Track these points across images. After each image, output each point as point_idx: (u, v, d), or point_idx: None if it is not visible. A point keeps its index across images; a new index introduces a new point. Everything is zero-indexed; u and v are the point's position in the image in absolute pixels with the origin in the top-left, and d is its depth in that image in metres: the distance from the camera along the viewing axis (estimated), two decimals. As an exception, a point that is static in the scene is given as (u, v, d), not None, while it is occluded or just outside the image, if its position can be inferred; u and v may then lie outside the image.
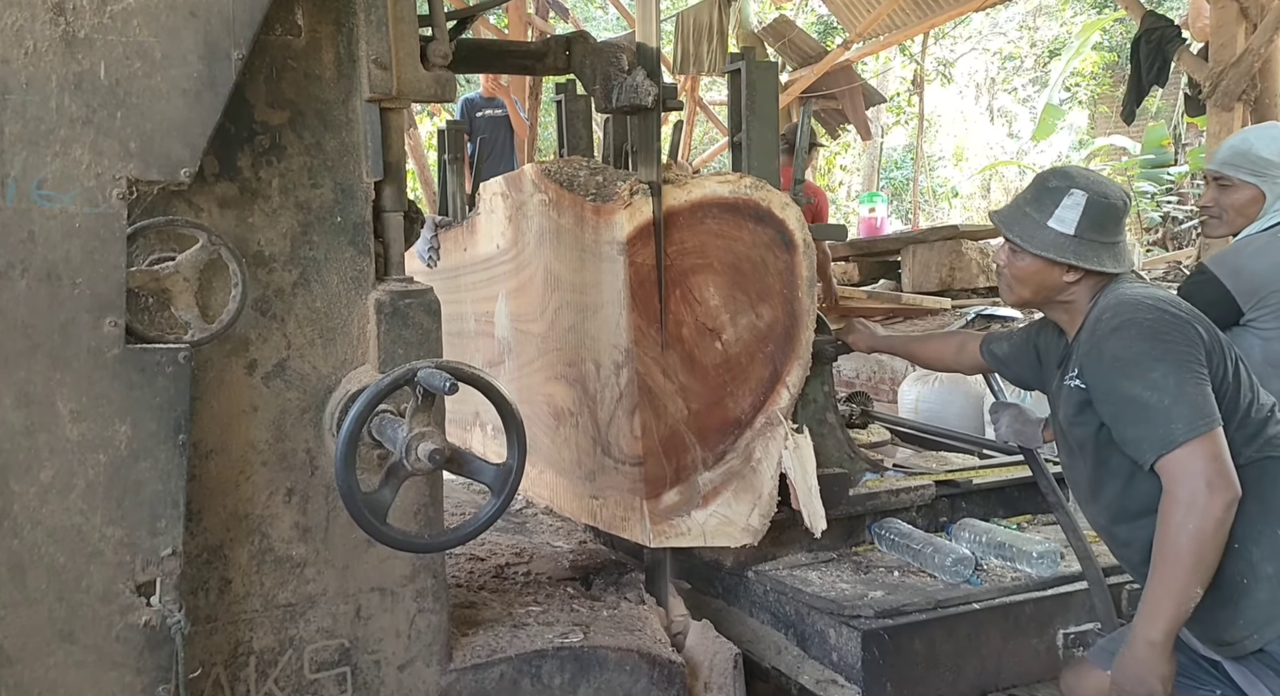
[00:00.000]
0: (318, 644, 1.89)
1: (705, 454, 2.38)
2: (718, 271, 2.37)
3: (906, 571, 2.53)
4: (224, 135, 1.75)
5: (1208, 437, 1.73)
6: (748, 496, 2.40)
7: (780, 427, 2.41)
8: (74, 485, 1.55)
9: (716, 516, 2.39)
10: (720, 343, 2.39)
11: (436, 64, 1.88)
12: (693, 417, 2.36)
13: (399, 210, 1.95)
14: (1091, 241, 1.94)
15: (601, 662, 2.10)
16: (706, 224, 2.36)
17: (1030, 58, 18.06)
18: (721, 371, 2.38)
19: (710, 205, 2.36)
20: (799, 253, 2.42)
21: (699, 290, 2.37)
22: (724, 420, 2.39)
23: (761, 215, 2.38)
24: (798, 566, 2.58)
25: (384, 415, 1.77)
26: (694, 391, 2.36)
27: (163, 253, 1.72)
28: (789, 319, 2.43)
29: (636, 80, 2.32)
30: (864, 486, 2.70)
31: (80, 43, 1.52)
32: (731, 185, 2.38)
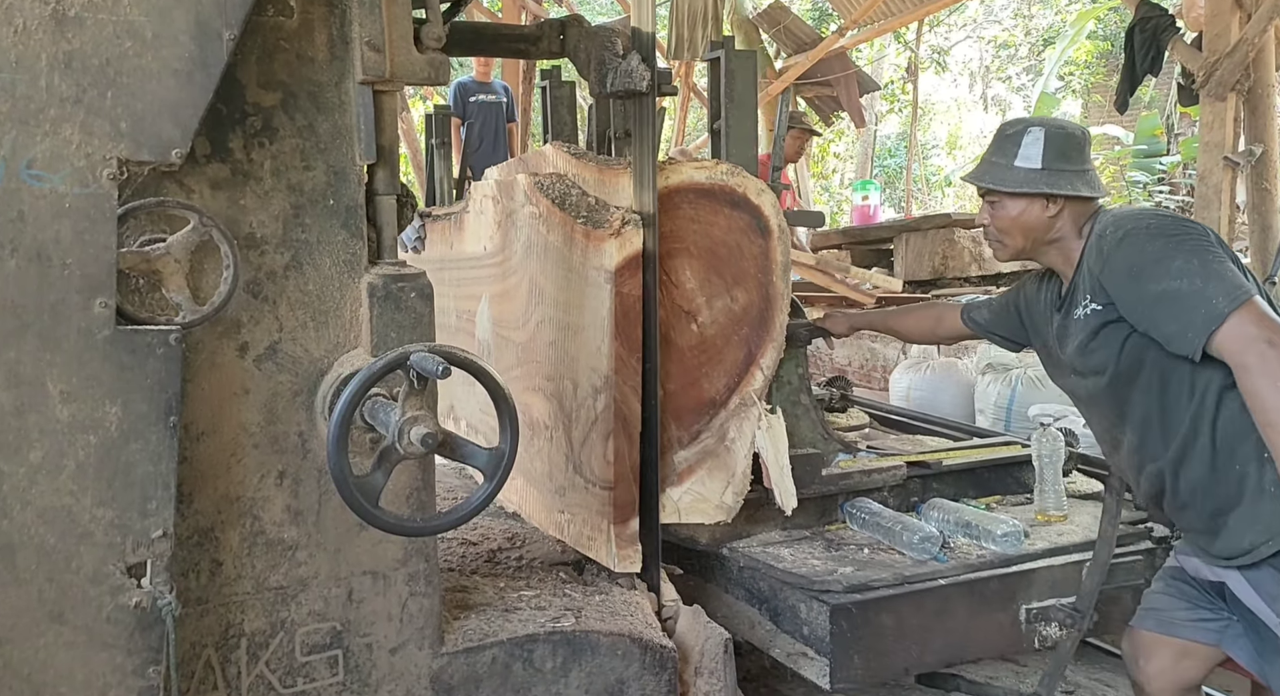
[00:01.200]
0: (309, 627, 1.90)
1: (680, 433, 2.46)
2: (694, 255, 2.44)
3: (876, 549, 2.59)
4: (215, 116, 1.74)
5: (1249, 304, 1.75)
6: (721, 474, 2.48)
7: (754, 408, 2.48)
8: (64, 466, 1.55)
9: (691, 493, 2.48)
10: (696, 325, 2.47)
11: (430, 47, 1.87)
12: (668, 398, 2.42)
13: (392, 193, 1.95)
14: (1061, 171, 2.01)
15: (593, 647, 2.11)
16: (683, 209, 2.42)
17: (1025, 46, 18.05)
18: (697, 353, 2.46)
19: (687, 190, 2.41)
20: (774, 238, 2.48)
21: (675, 274, 2.44)
22: (699, 401, 2.47)
23: (737, 201, 2.45)
24: (771, 544, 2.63)
25: (376, 399, 1.77)
26: (670, 373, 2.42)
27: (154, 234, 1.71)
28: (764, 302, 2.49)
29: (631, 65, 2.31)
30: (837, 466, 2.75)
31: (70, 21, 1.51)
32: (708, 171, 2.44)
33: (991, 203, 2.10)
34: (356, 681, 1.94)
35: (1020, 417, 4.84)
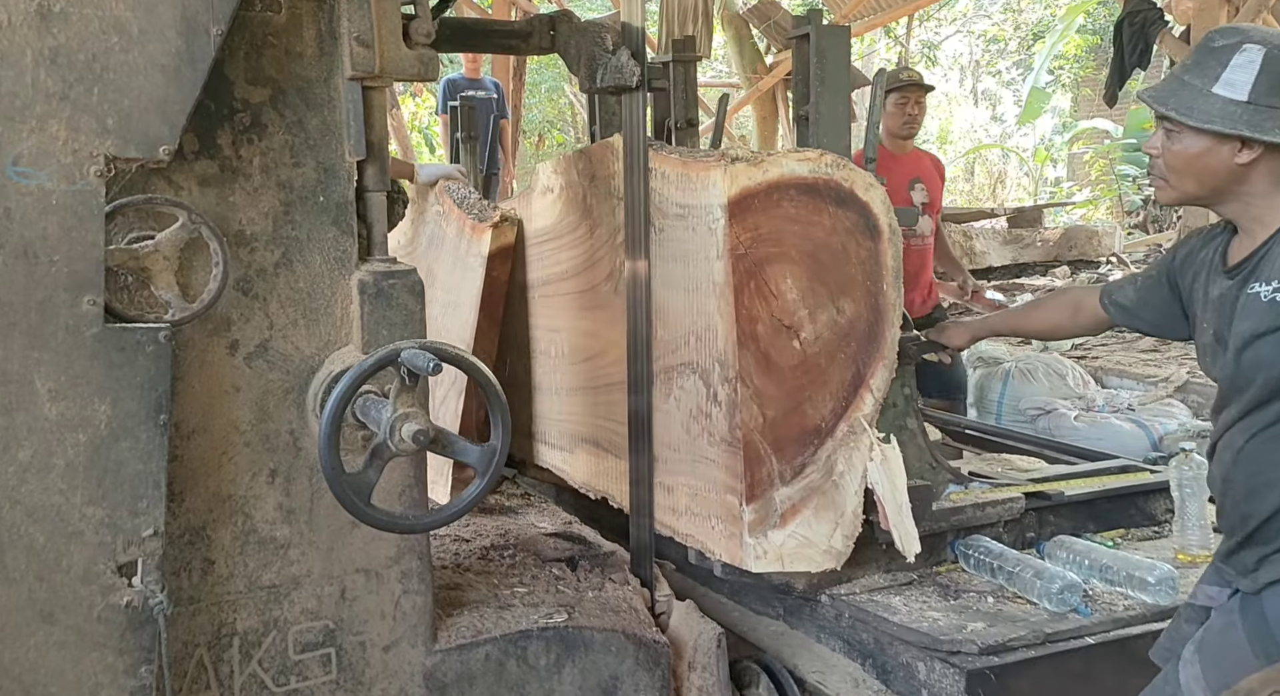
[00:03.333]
0: (302, 625, 1.89)
1: (782, 467, 2.16)
2: (795, 261, 2.14)
3: (1001, 597, 2.26)
4: (204, 112, 1.73)
5: None
6: (829, 514, 2.19)
7: (864, 436, 2.19)
8: (53, 464, 1.54)
9: (796, 537, 2.18)
10: (798, 342, 2.17)
11: (419, 42, 1.86)
12: (769, 426, 2.15)
13: (382, 190, 1.94)
14: (1271, 109, 1.56)
15: (587, 643, 2.11)
16: (783, 207, 2.12)
17: (1014, 40, 18.08)
18: (799, 374, 2.16)
19: (788, 186, 2.12)
20: (884, 240, 2.18)
21: (775, 282, 2.14)
22: (802, 429, 2.18)
23: (843, 197, 2.15)
24: (876, 589, 2.32)
25: (368, 396, 1.76)
26: (769, 397, 2.14)
27: (142, 231, 1.70)
28: (873, 314, 2.20)
29: (621, 60, 2.31)
30: (947, 500, 2.43)
31: (56, 16, 1.50)
32: (811, 163, 2.12)
33: (1168, 130, 1.65)
34: (350, 679, 1.93)
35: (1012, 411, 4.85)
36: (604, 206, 2.50)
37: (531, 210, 2.89)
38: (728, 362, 2.12)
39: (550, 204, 2.72)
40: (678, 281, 2.27)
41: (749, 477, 2.12)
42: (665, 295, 2.32)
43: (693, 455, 2.29)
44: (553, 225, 2.78)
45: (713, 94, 15.49)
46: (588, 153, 2.49)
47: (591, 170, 2.52)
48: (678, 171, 2.24)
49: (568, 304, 2.78)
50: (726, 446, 2.17)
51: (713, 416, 2.20)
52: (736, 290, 2.09)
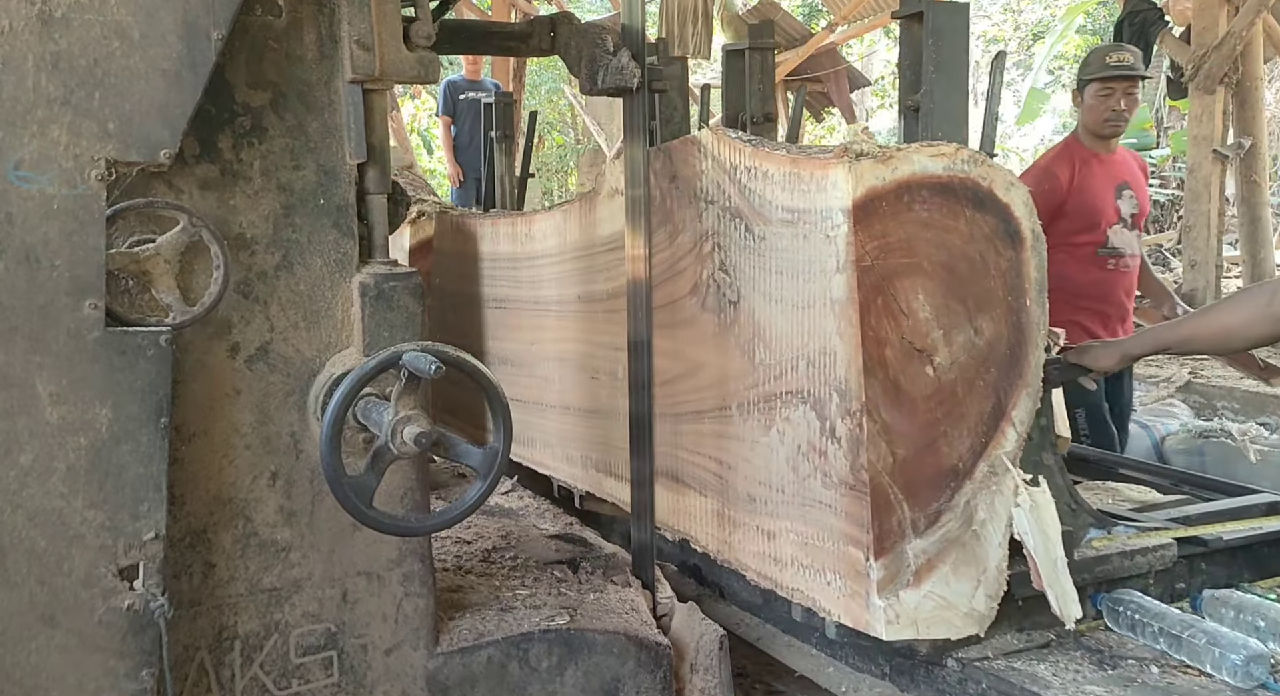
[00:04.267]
0: (303, 628, 1.89)
1: (915, 515, 1.89)
2: (928, 274, 1.88)
3: (1167, 666, 1.93)
4: (204, 116, 1.73)
5: None
6: (970, 570, 1.92)
7: (1007, 478, 1.94)
8: (54, 468, 1.54)
9: (933, 599, 1.90)
10: (932, 367, 1.90)
11: (420, 44, 1.87)
12: (899, 467, 1.87)
13: (383, 192, 1.94)
14: None
15: (589, 645, 2.11)
16: (914, 211, 1.86)
17: (1014, 41, 18.09)
18: (933, 405, 1.90)
19: (920, 186, 1.86)
20: (1026, 247, 1.93)
21: (905, 299, 1.87)
22: (937, 470, 1.91)
23: (982, 199, 1.90)
24: (1013, 653, 2.01)
25: (369, 398, 1.76)
26: (899, 433, 1.87)
27: (143, 235, 1.70)
28: (1014, 334, 1.95)
29: (621, 62, 2.31)
30: (1089, 547, 2.11)
31: (57, 22, 1.50)
32: (946, 159, 1.87)
33: None
34: (351, 682, 1.93)
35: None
36: (688, 210, 2.25)
37: (595, 215, 2.60)
38: (850, 392, 1.85)
39: (620, 208, 2.44)
40: (783, 297, 1.98)
41: (877, 527, 1.84)
42: (767, 312, 2.04)
43: (802, 498, 2.00)
44: (619, 232, 2.47)
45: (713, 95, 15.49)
46: (667, 150, 2.25)
47: (672, 169, 2.27)
48: (785, 170, 1.95)
49: None
50: (847, 490, 1.88)
51: (829, 454, 1.91)
52: (862, 308, 1.82)
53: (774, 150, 2.01)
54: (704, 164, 2.16)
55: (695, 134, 2.17)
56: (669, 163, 2.31)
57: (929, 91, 2.20)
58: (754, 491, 2.12)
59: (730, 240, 2.11)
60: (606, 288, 2.60)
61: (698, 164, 2.19)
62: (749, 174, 2.04)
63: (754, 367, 2.08)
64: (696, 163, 2.19)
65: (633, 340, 2.40)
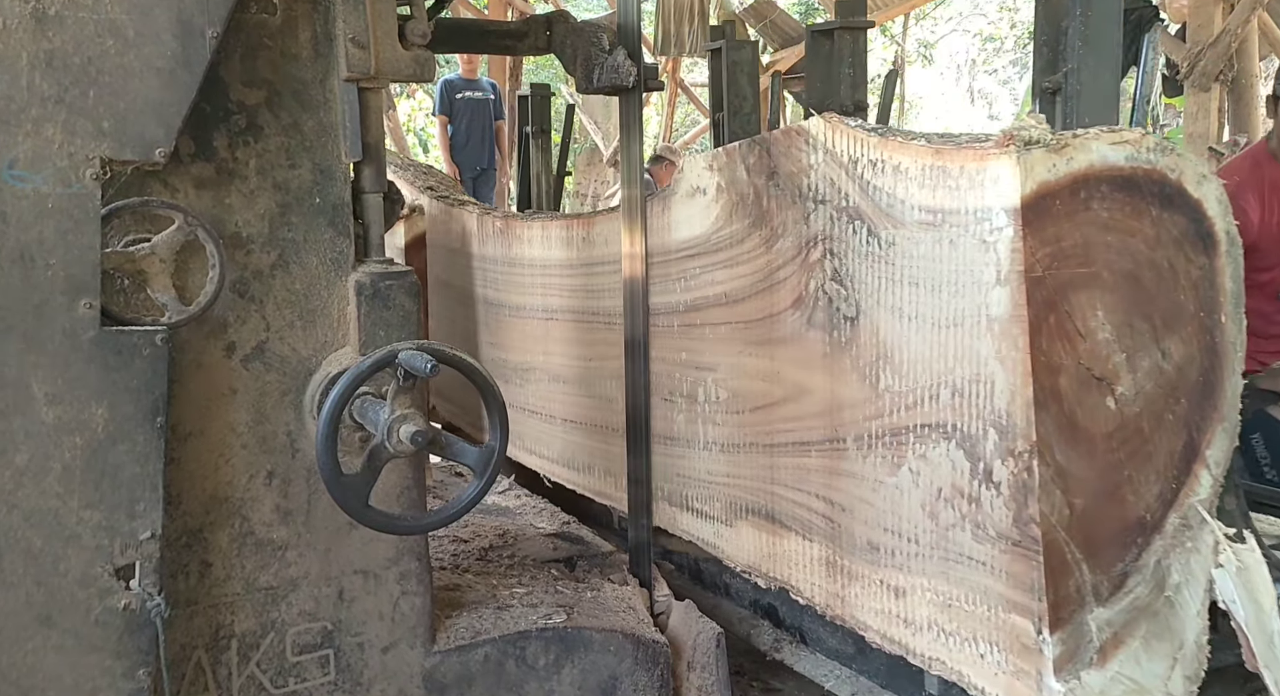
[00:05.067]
0: (300, 627, 1.89)
1: (1097, 578, 1.60)
2: (1108, 286, 1.60)
3: None
4: (199, 115, 1.73)
5: None
6: (1164, 647, 1.62)
7: (1204, 532, 1.65)
8: (50, 468, 1.53)
9: (1121, 682, 1.61)
10: (1113, 398, 1.61)
11: (415, 43, 1.86)
12: (1076, 520, 1.57)
13: (379, 191, 1.94)
14: None
15: (586, 643, 2.11)
16: (1092, 210, 1.57)
17: (1011, 39, 18.09)
18: (1115, 444, 1.61)
19: (1099, 180, 1.57)
20: (1220, 253, 1.65)
21: (1082, 316, 1.58)
22: (1121, 523, 1.62)
23: (1169, 195, 1.62)
24: None
25: (365, 397, 1.76)
26: (1075, 478, 1.57)
27: (138, 234, 1.70)
28: (1208, 357, 1.67)
29: (617, 60, 2.31)
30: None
31: (51, 20, 1.50)
32: (1130, 147, 1.58)
33: None
34: (348, 681, 1.93)
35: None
36: (790, 211, 1.95)
37: (670, 217, 2.32)
38: (1013, 428, 1.56)
39: (702, 209, 2.19)
40: (919, 313, 1.70)
41: (1051, 593, 1.54)
42: (895, 331, 1.75)
43: (943, 552, 1.72)
44: (704, 236, 2.20)
45: (709, 94, 15.49)
46: (764, 143, 2.00)
47: (770, 165, 2.00)
48: (926, 163, 1.66)
49: (728, 336, 2.18)
50: (1010, 546, 1.59)
51: (983, 502, 1.62)
52: (1032, 328, 1.53)
53: (909, 140, 1.72)
54: (813, 158, 1.88)
55: (802, 123, 1.91)
56: (765, 157, 2.01)
57: (1074, 70, 1.94)
58: (877, 539, 1.83)
59: (847, 246, 1.82)
60: (684, 299, 2.30)
61: (805, 158, 1.91)
62: (874, 168, 1.75)
63: (877, 395, 1.79)
64: (803, 156, 1.91)
65: (629, 339, 2.40)
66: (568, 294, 2.77)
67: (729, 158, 2.11)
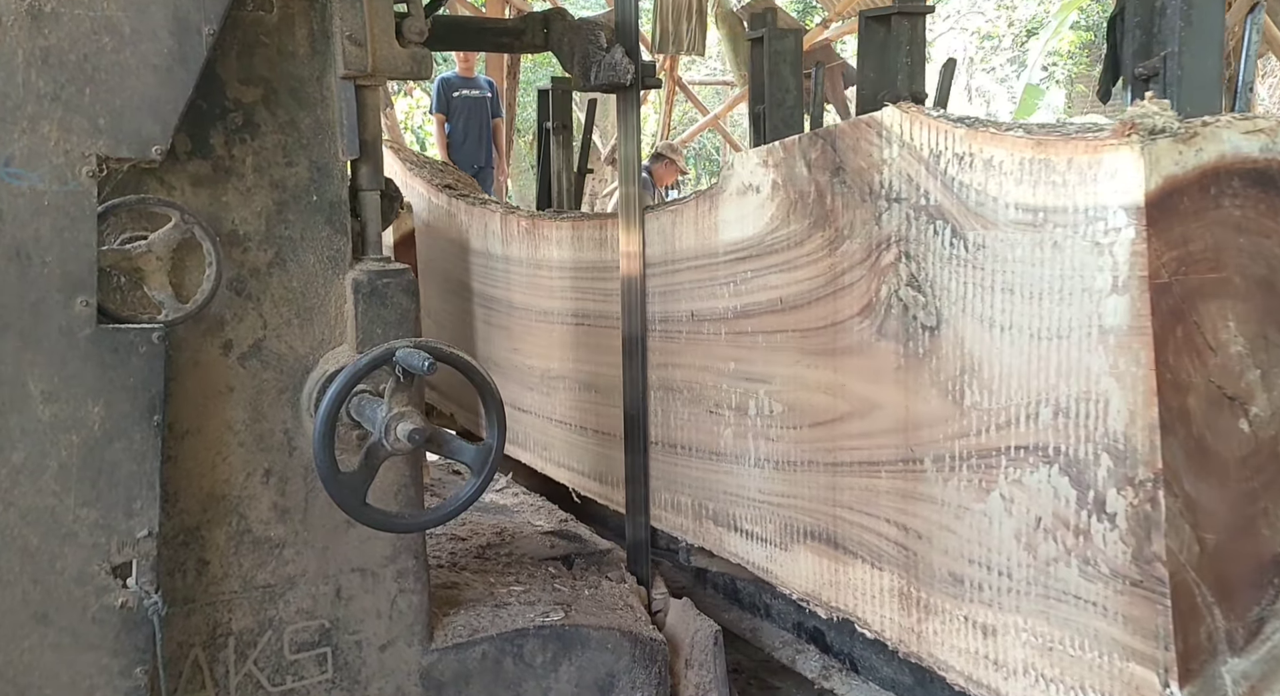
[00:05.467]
0: (297, 624, 1.89)
1: (1231, 624, 1.44)
2: (1240, 294, 1.44)
3: None
4: (196, 112, 1.72)
5: None
6: None
7: None
8: (46, 466, 1.53)
9: None
10: (1247, 420, 1.46)
11: (412, 41, 1.86)
12: (1208, 558, 1.41)
13: (376, 189, 1.94)
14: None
15: (583, 641, 2.11)
16: (1223, 207, 1.42)
17: (1008, 37, 18.10)
18: (1249, 471, 1.46)
19: (1230, 174, 1.42)
20: None
21: (1212, 328, 1.43)
22: (1257, 560, 1.46)
23: None
24: None
25: (362, 395, 1.76)
26: (1209, 509, 1.42)
27: (135, 232, 1.70)
28: None
29: (615, 58, 2.31)
30: None
31: (47, 17, 1.50)
32: (1264, 137, 1.43)
33: None
34: (346, 679, 1.93)
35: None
36: (859, 210, 1.81)
37: (718, 216, 2.17)
38: (1133, 454, 1.40)
39: (755, 208, 2.04)
40: (1015, 322, 1.56)
41: (1180, 641, 1.38)
42: (985, 342, 1.60)
43: (1043, 589, 1.57)
44: (757, 237, 2.05)
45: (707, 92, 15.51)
46: (829, 137, 1.87)
47: (835, 160, 1.86)
48: (1024, 156, 1.52)
49: (784, 345, 2.03)
50: (1128, 586, 1.43)
51: (1093, 535, 1.48)
52: (1157, 340, 1.38)
53: (1004, 131, 1.58)
54: (886, 152, 1.75)
55: (874, 114, 1.78)
56: (830, 152, 1.87)
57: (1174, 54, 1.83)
58: (961, 571, 1.69)
59: (926, 248, 1.68)
60: (733, 304, 2.15)
61: (877, 152, 1.77)
62: (960, 162, 1.61)
63: (962, 413, 1.65)
64: (875, 150, 1.78)
65: (627, 337, 2.40)
66: (601, 298, 2.61)
67: (787, 153, 1.96)
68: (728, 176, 2.13)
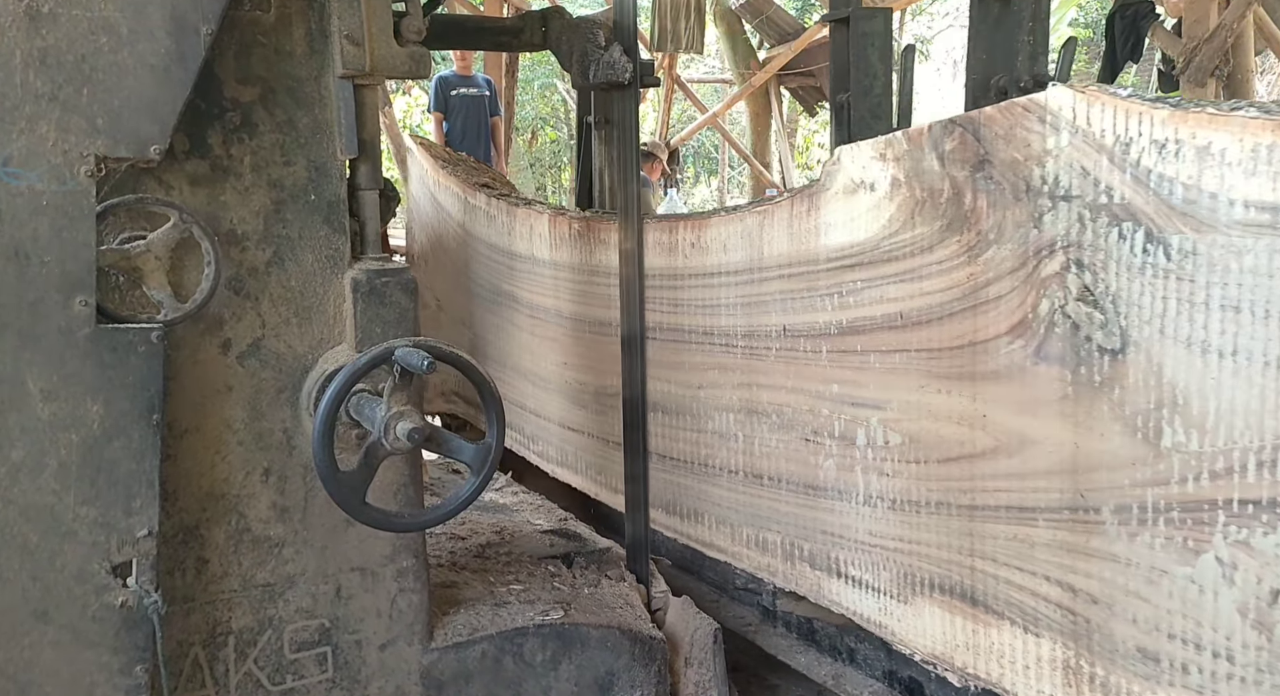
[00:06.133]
0: (297, 624, 1.89)
1: None
2: None
3: None
4: (194, 112, 1.72)
5: None
6: None
7: None
8: (46, 465, 1.54)
9: None
10: None
11: (410, 40, 1.86)
12: None
13: (374, 188, 1.94)
14: None
15: (583, 639, 2.11)
16: None
17: (1007, 35, 18.08)
18: None
19: None
20: None
21: None
22: None
23: None
24: None
25: (362, 394, 1.76)
26: None
27: (133, 231, 1.70)
28: None
29: (613, 56, 2.31)
30: None
31: (44, 18, 1.50)
32: None
33: None
34: (346, 678, 1.93)
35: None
36: (1012, 211, 1.57)
37: (819, 218, 1.92)
38: None
39: (869, 209, 1.80)
40: (1240, 347, 1.32)
41: None
42: (1194, 370, 1.36)
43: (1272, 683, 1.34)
44: (870, 242, 1.81)
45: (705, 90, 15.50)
46: (972, 125, 1.61)
47: (979, 152, 1.60)
48: (1263, 141, 1.28)
49: (904, 367, 1.79)
50: None
51: None
52: None
53: (1228, 111, 1.32)
54: (1052, 140, 1.51)
55: (1034, 96, 1.55)
56: (972, 142, 1.61)
57: None
58: (1155, 647, 1.44)
59: (1108, 255, 1.44)
60: (837, 318, 1.90)
61: (1039, 141, 1.52)
62: (1160, 152, 1.37)
63: (1159, 455, 1.41)
64: (1036, 139, 1.53)
65: (626, 335, 2.40)
66: (670, 309, 2.37)
67: (912, 144, 1.70)
68: (832, 172, 1.87)
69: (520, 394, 3.19)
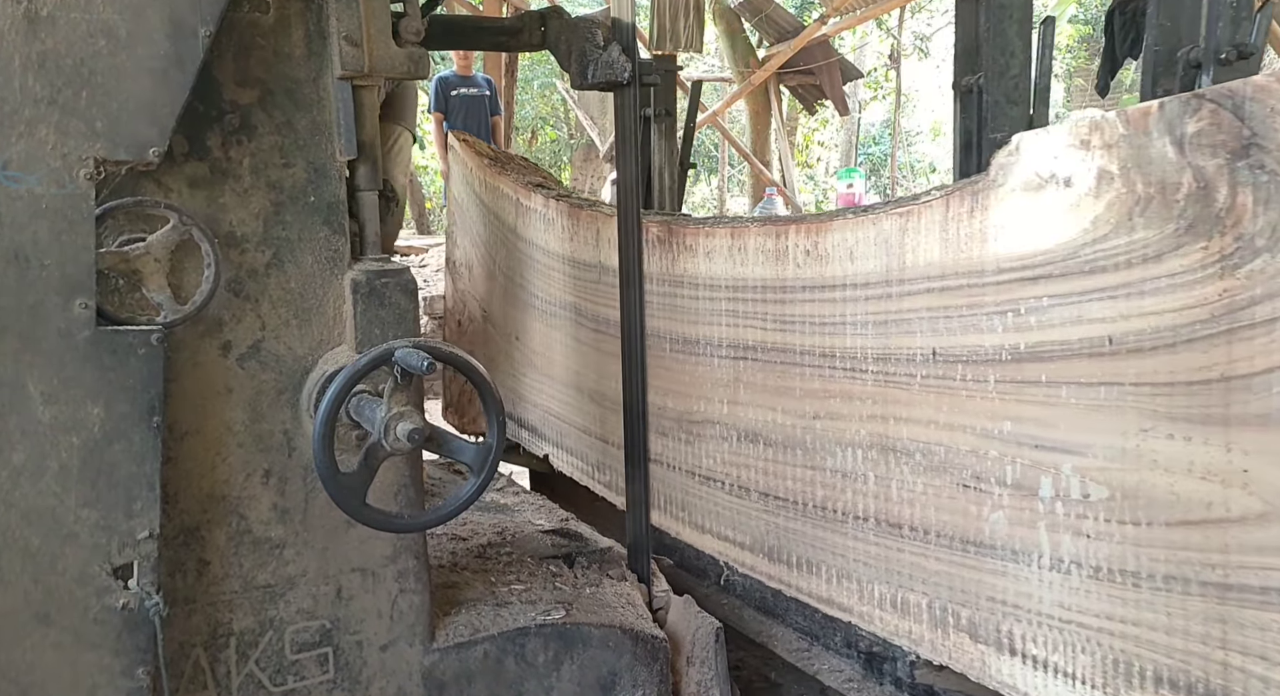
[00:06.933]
0: (298, 625, 1.89)
1: None
2: None
3: None
4: (193, 114, 1.73)
5: None
6: None
7: None
8: (47, 467, 1.54)
9: None
10: None
11: (409, 40, 1.87)
12: None
13: (374, 189, 1.94)
14: None
15: (585, 639, 2.11)
16: None
17: (1007, 32, 18.07)
18: None
19: None
20: None
21: None
22: None
23: None
24: None
25: (362, 395, 1.77)
26: None
27: (133, 234, 1.70)
28: None
29: (612, 56, 2.31)
30: None
31: (43, 21, 1.50)
32: None
33: None
34: (347, 679, 1.94)
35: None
36: None
37: (985, 221, 1.61)
38: None
39: (1064, 208, 1.48)
40: None
41: None
42: None
43: None
44: (1067, 249, 1.48)
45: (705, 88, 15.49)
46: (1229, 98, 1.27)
47: (1240, 135, 1.26)
48: None
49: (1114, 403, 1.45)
50: None
51: None
52: None
53: None
54: None
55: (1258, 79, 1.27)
56: (1232, 122, 1.27)
57: None
58: None
59: None
60: (1012, 342, 1.58)
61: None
62: None
63: None
64: None
65: (626, 335, 2.41)
66: (777, 327, 2.07)
67: (1133, 126, 1.37)
68: (1007, 164, 1.55)
69: (586, 417, 2.82)
